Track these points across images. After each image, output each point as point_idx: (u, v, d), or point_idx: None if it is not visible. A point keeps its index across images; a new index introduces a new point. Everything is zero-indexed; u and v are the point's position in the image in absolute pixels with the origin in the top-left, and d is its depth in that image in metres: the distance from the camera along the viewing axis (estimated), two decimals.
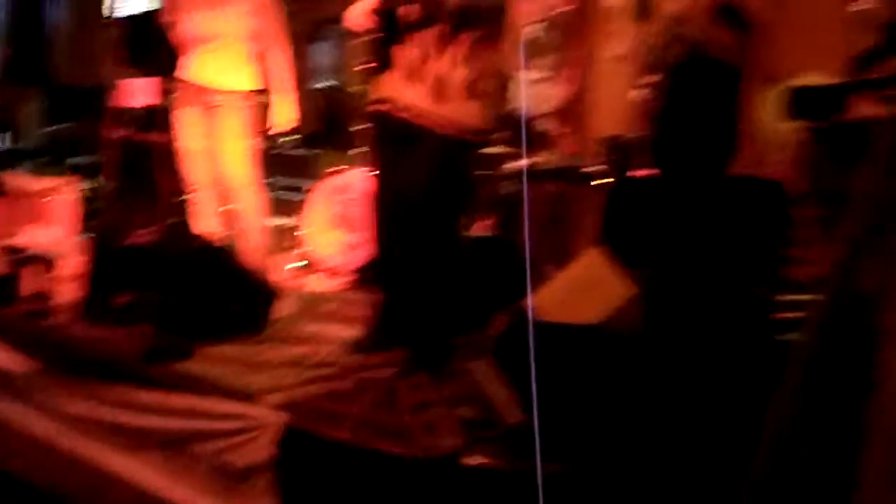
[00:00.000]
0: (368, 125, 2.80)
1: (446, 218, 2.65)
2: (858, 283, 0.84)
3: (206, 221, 3.59)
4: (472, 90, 2.48)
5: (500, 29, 2.57)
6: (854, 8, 4.00)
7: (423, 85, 2.47)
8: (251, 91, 3.51)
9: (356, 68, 2.74)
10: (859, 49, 3.99)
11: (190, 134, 3.58)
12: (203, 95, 3.53)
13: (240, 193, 3.53)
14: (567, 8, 5.34)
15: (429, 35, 2.46)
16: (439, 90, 2.45)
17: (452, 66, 2.45)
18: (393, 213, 2.70)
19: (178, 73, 3.59)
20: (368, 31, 2.62)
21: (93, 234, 3.25)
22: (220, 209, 3.63)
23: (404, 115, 2.52)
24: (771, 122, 4.43)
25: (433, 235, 2.61)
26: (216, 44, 3.48)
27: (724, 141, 3.37)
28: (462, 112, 2.50)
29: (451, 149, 2.53)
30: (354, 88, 4.78)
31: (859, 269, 0.83)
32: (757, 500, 0.87)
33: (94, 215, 4.52)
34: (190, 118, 3.58)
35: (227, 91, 3.49)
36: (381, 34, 2.55)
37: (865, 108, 2.89)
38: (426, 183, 2.54)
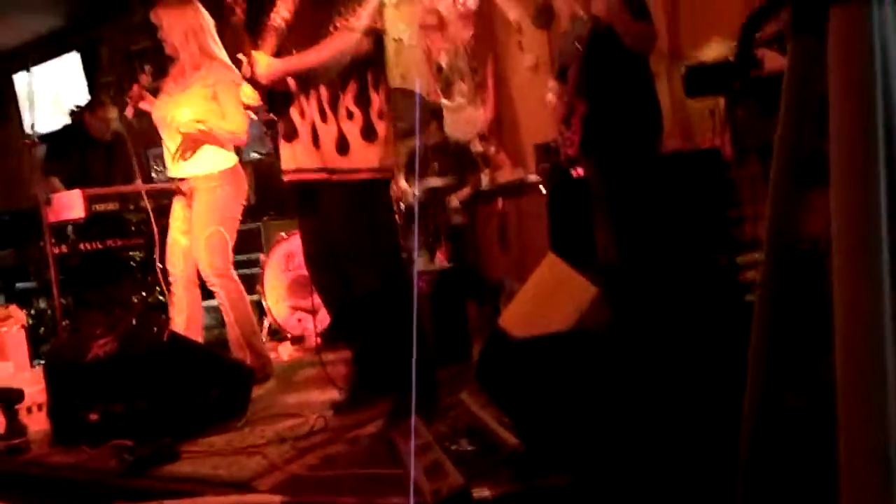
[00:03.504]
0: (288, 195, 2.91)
1: (385, 259, 2.72)
2: (796, 231, 0.85)
3: (183, 318, 3.54)
4: (367, 134, 2.63)
5: (380, 75, 2.71)
6: None
7: (324, 144, 2.63)
8: (215, 172, 3.47)
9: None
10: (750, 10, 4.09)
11: (172, 226, 3.58)
12: (180, 185, 3.56)
13: (222, 280, 3.48)
14: (473, 31, 5.44)
15: (313, 100, 2.63)
16: (340, 145, 2.61)
17: (344, 120, 2.61)
18: (332, 269, 2.77)
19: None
20: (264, 107, 2.76)
21: (49, 358, 3.16)
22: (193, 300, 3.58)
23: (316, 176, 2.66)
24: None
25: (379, 279, 2.67)
26: (172, 132, 3.49)
27: (647, 120, 3.43)
28: (365, 156, 2.63)
29: (366, 191, 2.65)
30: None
31: (793, 217, 0.84)
32: (749, 468, 0.87)
33: (47, 338, 4.43)
34: (174, 210, 3.59)
35: (200, 175, 3.48)
36: (275, 109, 2.71)
37: (774, 62, 2.96)
38: (355, 231, 2.65)
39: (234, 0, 2.64)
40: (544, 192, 3.84)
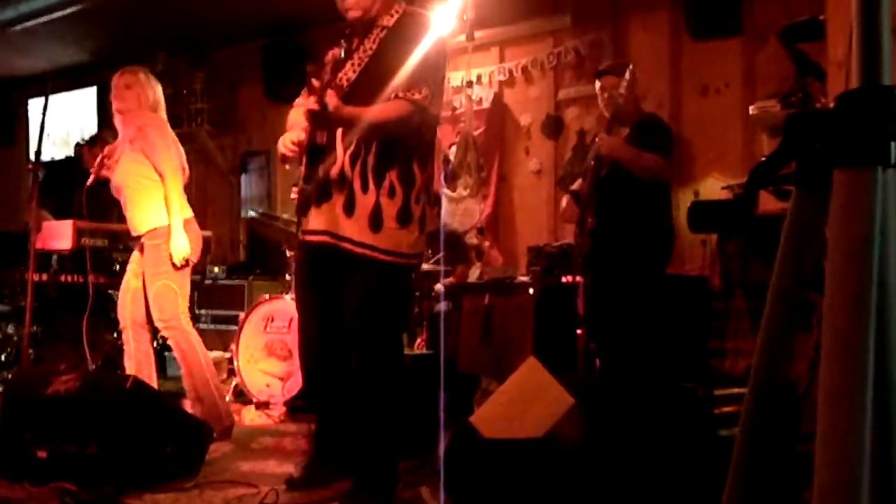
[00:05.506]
0: (300, 254, 2.82)
1: (388, 339, 2.65)
2: (781, 371, 0.86)
3: (133, 363, 3.48)
4: (403, 218, 2.57)
5: (427, 158, 2.68)
6: (753, 111, 4.30)
7: (358, 215, 2.54)
8: (157, 228, 3.45)
9: (291, 198, 2.76)
10: (762, 151, 4.24)
11: (128, 270, 3.57)
12: (134, 239, 3.56)
13: (171, 331, 3.44)
14: (483, 129, 5.59)
15: (357, 166, 2.54)
16: (374, 221, 2.53)
17: (385, 196, 2.54)
18: (325, 338, 2.69)
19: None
20: (299, 162, 2.70)
21: (8, 386, 3.08)
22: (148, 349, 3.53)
23: (342, 245, 2.56)
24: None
25: (375, 358, 2.59)
26: (127, 190, 3.51)
27: (652, 244, 3.51)
28: (397, 240, 2.57)
29: (389, 274, 2.58)
30: (283, 218, 4.82)
31: (780, 358, 0.85)
32: None
33: (9, 365, 4.32)
34: (131, 262, 3.58)
35: (142, 233, 3.48)
36: (312, 168, 2.62)
37: (768, 203, 3.05)
38: (368, 307, 2.58)
39: (329, 62, 2.67)
40: (532, 293, 3.86)
